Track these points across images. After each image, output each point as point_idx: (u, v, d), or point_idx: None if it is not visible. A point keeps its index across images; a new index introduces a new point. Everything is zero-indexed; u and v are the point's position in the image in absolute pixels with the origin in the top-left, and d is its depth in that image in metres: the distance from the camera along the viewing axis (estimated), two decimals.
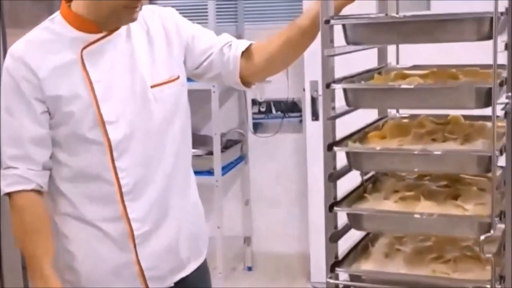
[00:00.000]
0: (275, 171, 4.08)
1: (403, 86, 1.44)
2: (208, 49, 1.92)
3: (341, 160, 1.52)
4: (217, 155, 3.59)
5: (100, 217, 1.82)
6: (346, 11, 1.70)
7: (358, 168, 1.52)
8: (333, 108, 1.53)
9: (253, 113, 4.09)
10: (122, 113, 1.79)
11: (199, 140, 3.88)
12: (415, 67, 1.82)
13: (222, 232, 3.65)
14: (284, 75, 3.95)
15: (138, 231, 1.82)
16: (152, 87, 1.82)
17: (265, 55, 1.89)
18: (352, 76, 1.61)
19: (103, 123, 1.77)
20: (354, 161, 1.50)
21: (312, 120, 3.70)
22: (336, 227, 1.53)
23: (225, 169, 3.75)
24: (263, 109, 4.06)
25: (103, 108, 1.77)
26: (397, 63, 1.87)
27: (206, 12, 3.59)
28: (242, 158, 4.07)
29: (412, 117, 1.68)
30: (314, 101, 3.72)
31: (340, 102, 1.51)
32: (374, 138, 1.61)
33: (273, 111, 4.05)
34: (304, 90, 3.77)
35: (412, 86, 1.43)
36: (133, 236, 1.82)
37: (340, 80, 1.52)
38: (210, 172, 3.62)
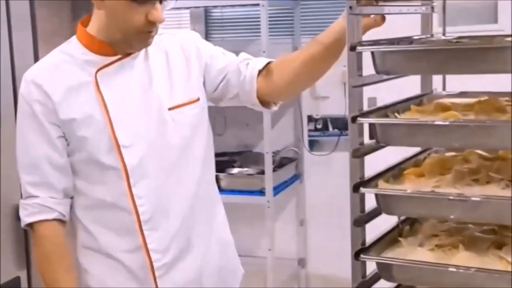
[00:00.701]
0: (331, 191, 3.90)
1: (437, 123, 1.27)
2: (224, 68, 1.83)
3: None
4: (269, 174, 3.45)
5: (119, 248, 1.74)
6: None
7: (387, 212, 1.36)
8: (362, 143, 1.38)
9: (309, 130, 3.92)
10: (137, 137, 1.71)
11: (252, 158, 3.76)
12: (462, 94, 1.64)
13: (273, 254, 3.51)
14: (341, 91, 3.79)
15: (158, 262, 1.72)
16: (170, 109, 1.74)
17: (286, 74, 1.78)
18: (386, 107, 1.45)
19: (118, 147, 1.69)
20: (383, 204, 1.35)
21: (370, 138, 3.50)
22: (364, 276, 1.38)
23: (278, 188, 3.61)
24: (319, 126, 3.89)
25: (118, 131, 1.69)
26: (444, 89, 1.70)
27: (260, 23, 3.47)
28: (297, 177, 3.92)
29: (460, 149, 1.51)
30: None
31: None
32: (410, 176, 1.44)
33: (330, 128, 3.87)
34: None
35: (446, 123, 1.26)
36: (152, 268, 1.73)
37: (370, 112, 1.37)
38: (261, 192, 3.49)
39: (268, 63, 1.81)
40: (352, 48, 1.31)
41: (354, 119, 1.33)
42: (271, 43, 3.49)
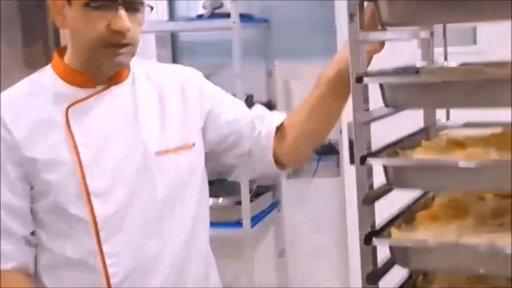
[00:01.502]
0: (312, 219, 3.74)
1: (462, 165, 1.11)
2: (236, 120, 1.62)
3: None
4: (246, 205, 3.27)
5: None
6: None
7: (405, 265, 1.19)
8: (371, 187, 1.22)
9: None
10: (113, 184, 1.48)
11: (227, 188, 3.57)
12: (468, 125, 1.49)
13: (253, 286, 3.33)
14: None
15: None
16: (157, 154, 1.52)
17: (296, 125, 1.59)
18: (393, 144, 1.29)
19: (88, 195, 1.47)
20: (399, 257, 1.18)
21: (351, 163, 3.35)
22: None
23: (256, 218, 3.43)
24: None
25: (89, 177, 1.47)
26: (447, 118, 1.54)
27: (231, 47, 3.30)
28: (274, 205, 3.74)
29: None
30: (352, 143, 3.38)
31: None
32: (424, 220, 1.28)
33: None
34: (341, 132, 3.44)
35: (473, 165, 1.10)
36: None
37: (378, 152, 1.21)
38: (239, 223, 3.30)
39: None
40: (358, 80, 1.15)
41: (363, 160, 1.17)
42: (244, 68, 3.33)
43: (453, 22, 1.13)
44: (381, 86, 1.16)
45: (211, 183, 1.67)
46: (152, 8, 1.54)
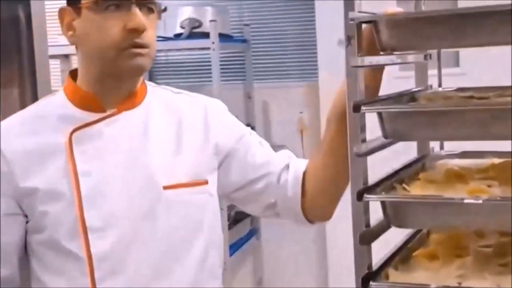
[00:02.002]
0: (290, 246, 3.64)
1: (467, 201, 1.02)
2: (264, 165, 1.48)
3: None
4: (224, 232, 3.15)
5: None
6: None
7: None
8: (368, 225, 1.12)
9: None
10: (113, 219, 1.35)
11: None
12: (464, 154, 1.40)
13: None
14: (298, 139, 3.56)
15: None
16: (166, 188, 1.39)
17: (313, 177, 1.46)
18: (390, 176, 1.20)
19: (84, 229, 1.34)
20: None
21: None
22: None
23: (234, 247, 3.32)
24: None
25: (88, 210, 1.34)
26: (441, 147, 1.46)
27: (210, 68, 3.21)
28: (253, 232, 3.64)
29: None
30: None
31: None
32: (422, 260, 1.19)
33: None
34: None
35: (479, 201, 1.01)
36: None
37: (375, 186, 1.12)
38: None
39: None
40: (356, 108, 1.06)
41: (360, 196, 1.07)
42: (222, 89, 3.24)
43: (461, 47, 1.04)
44: (379, 116, 1.07)
45: None
46: (165, 8, 1.44)
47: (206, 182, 1.45)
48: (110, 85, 1.41)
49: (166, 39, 3.55)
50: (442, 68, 1.42)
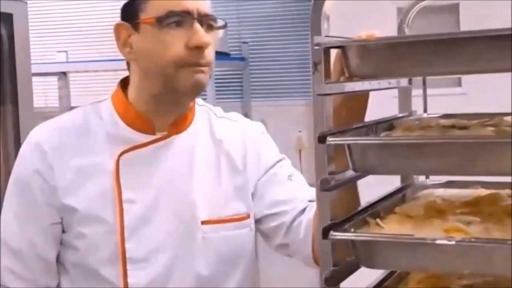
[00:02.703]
0: (289, 268, 3.55)
1: (439, 242, 0.94)
2: (284, 202, 1.42)
3: None
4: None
5: None
6: None
7: None
8: (336, 265, 1.04)
9: None
10: (154, 252, 1.31)
11: None
12: (449, 184, 1.33)
13: None
14: (296, 158, 3.48)
15: None
16: (203, 223, 1.34)
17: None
18: (364, 209, 1.12)
19: (124, 260, 1.29)
20: None
21: None
22: None
23: None
24: None
25: (129, 240, 1.29)
26: (427, 177, 1.38)
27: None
28: None
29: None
30: None
31: None
32: None
33: None
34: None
35: (452, 242, 0.93)
36: None
37: (345, 221, 1.04)
38: None
39: None
40: (322, 140, 0.98)
41: (325, 234, 0.99)
42: (219, 107, 3.17)
43: (433, 75, 0.97)
44: (348, 147, 0.99)
45: None
46: (226, 25, 1.39)
47: (247, 216, 1.41)
48: (165, 104, 1.36)
49: None
50: (443, 87, 1.37)
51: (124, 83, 1.41)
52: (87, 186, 1.32)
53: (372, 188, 1.27)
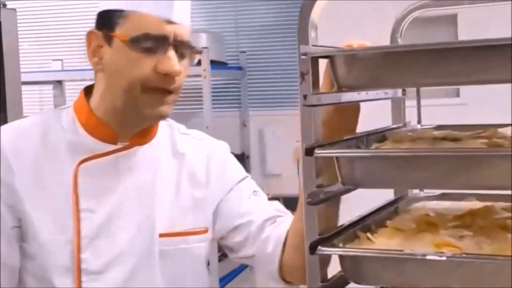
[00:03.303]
0: None
1: (430, 257, 0.91)
2: (246, 214, 1.39)
3: None
4: (214, 265, 3.05)
5: None
6: None
7: None
8: (324, 278, 1.01)
9: None
10: (110, 264, 1.28)
11: None
12: (444, 196, 1.30)
13: None
14: (294, 168, 3.46)
15: None
16: (161, 236, 1.31)
17: (297, 234, 1.32)
18: (355, 223, 1.09)
19: (79, 271, 1.25)
20: None
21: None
22: None
23: (226, 279, 3.21)
24: None
25: (84, 251, 1.26)
26: (421, 189, 1.35)
27: (201, 95, 3.13)
28: (246, 265, 3.53)
29: None
30: None
31: None
32: None
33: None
34: None
35: (443, 258, 0.90)
36: None
37: (334, 235, 1.01)
38: None
39: None
40: (309, 152, 0.96)
41: (313, 249, 0.96)
42: (216, 117, 3.15)
43: (424, 85, 0.94)
44: (336, 160, 0.97)
45: None
46: (201, 52, 1.36)
47: (205, 231, 1.39)
48: (128, 119, 1.32)
49: None
50: (441, 98, 1.35)
51: (87, 91, 1.37)
52: (45, 193, 1.28)
53: (363, 200, 1.24)
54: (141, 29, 1.24)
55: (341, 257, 0.98)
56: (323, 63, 0.99)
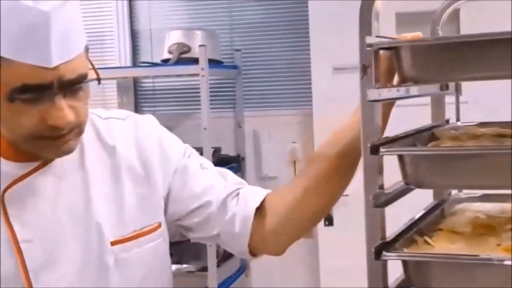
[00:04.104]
0: (283, 284, 3.45)
1: (507, 263, 0.85)
2: (201, 194, 1.29)
3: None
4: (213, 271, 2.97)
5: None
6: None
7: None
8: (385, 283, 0.95)
9: None
10: None
11: (191, 252, 3.26)
12: (485, 197, 1.24)
13: None
14: (291, 170, 3.40)
15: None
16: (114, 243, 1.21)
17: (282, 212, 1.26)
18: (409, 227, 1.03)
19: None
20: None
21: (325, 225, 3.10)
22: None
23: (223, 285, 3.13)
24: None
25: (36, 283, 1.16)
26: (459, 190, 1.29)
27: (199, 95, 3.04)
28: (242, 270, 3.44)
29: None
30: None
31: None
32: None
33: None
34: None
35: None
36: None
37: (393, 241, 0.95)
38: None
39: (265, 196, 1.29)
40: (374, 151, 0.89)
41: (378, 255, 0.90)
42: (211, 117, 3.07)
43: (498, 78, 0.88)
44: (400, 159, 0.90)
45: (173, 245, 1.36)
46: (99, 81, 1.18)
47: (159, 226, 1.27)
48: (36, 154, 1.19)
49: (153, 65, 3.40)
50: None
51: None
52: None
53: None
54: (18, 80, 1.07)
55: (405, 262, 0.92)
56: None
